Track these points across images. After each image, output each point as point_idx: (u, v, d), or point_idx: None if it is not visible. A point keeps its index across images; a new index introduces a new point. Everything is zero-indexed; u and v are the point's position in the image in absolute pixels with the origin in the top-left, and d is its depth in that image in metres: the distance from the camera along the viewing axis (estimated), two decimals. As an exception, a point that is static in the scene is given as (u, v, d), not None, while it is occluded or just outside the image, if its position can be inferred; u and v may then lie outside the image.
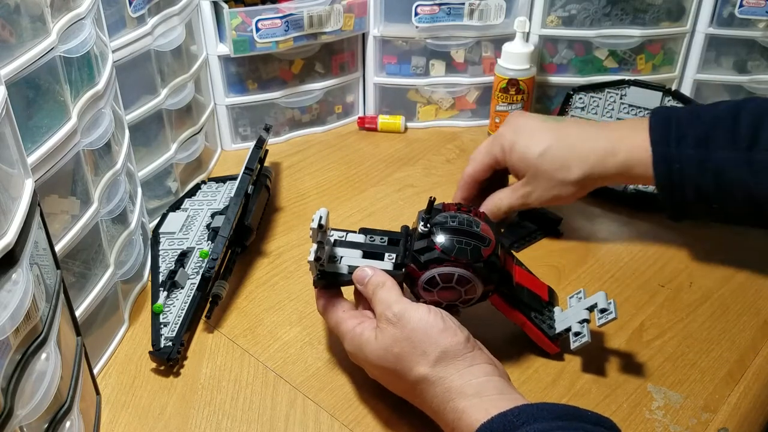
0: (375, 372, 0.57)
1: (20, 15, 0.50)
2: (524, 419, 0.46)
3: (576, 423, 0.47)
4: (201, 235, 0.78)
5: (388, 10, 0.95)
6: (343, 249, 0.61)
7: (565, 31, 0.96)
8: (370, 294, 0.57)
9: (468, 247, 0.57)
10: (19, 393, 0.42)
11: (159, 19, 0.76)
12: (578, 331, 0.61)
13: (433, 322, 0.53)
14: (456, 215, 0.60)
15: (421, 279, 0.58)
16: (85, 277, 0.60)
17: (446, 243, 0.57)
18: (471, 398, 0.50)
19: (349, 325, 0.57)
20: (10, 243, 0.40)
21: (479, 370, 0.52)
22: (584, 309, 0.62)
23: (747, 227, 0.76)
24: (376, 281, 0.57)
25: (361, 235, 0.62)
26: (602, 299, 0.61)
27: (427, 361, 0.52)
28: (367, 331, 0.56)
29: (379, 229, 0.63)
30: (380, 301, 0.56)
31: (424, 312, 0.54)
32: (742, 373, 0.63)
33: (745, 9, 0.93)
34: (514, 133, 0.73)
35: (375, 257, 0.60)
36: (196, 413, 0.59)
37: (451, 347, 0.52)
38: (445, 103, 1.02)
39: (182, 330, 0.65)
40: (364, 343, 0.55)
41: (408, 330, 0.53)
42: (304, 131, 1.01)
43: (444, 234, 0.58)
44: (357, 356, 0.57)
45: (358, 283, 0.59)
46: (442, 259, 0.57)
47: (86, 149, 0.59)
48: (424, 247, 0.58)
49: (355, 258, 0.60)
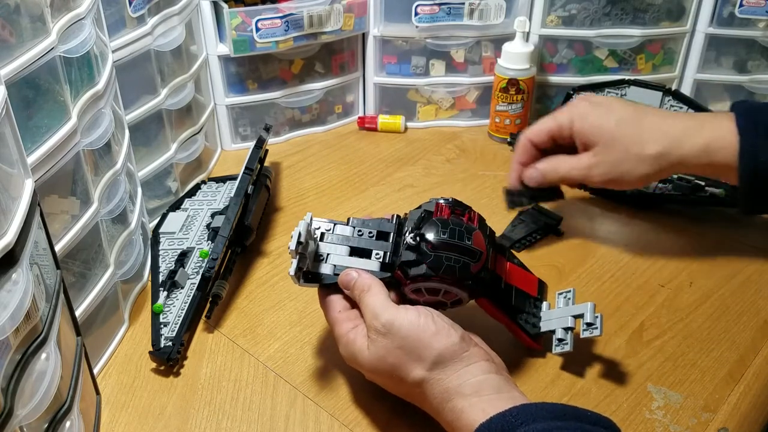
0: (371, 376, 0.57)
1: (20, 15, 0.50)
2: (523, 419, 0.46)
3: (575, 423, 0.46)
4: (201, 235, 0.78)
5: (388, 10, 0.95)
6: (330, 245, 0.59)
7: (565, 31, 0.96)
8: (356, 298, 0.56)
9: (457, 264, 0.56)
10: (19, 393, 0.42)
11: (159, 19, 0.76)
12: (561, 337, 0.61)
13: (425, 326, 0.52)
14: (448, 225, 0.57)
15: (407, 287, 0.58)
16: (85, 277, 0.60)
17: (434, 260, 0.56)
18: (469, 398, 0.50)
19: (342, 329, 0.56)
20: (10, 243, 0.40)
21: (476, 368, 0.51)
22: (571, 316, 0.61)
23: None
24: (361, 285, 0.56)
25: (349, 228, 0.61)
26: (590, 312, 0.60)
27: (424, 366, 0.52)
28: (359, 339, 0.55)
29: (369, 219, 0.61)
30: (367, 308, 0.55)
31: (413, 316, 0.53)
32: (742, 373, 0.63)
33: (745, 9, 0.93)
34: (589, 104, 0.69)
35: (362, 254, 0.59)
36: (196, 413, 0.59)
37: (446, 350, 0.52)
38: (445, 103, 1.02)
39: (182, 330, 0.65)
40: (357, 352, 0.55)
41: (399, 338, 0.52)
42: (304, 131, 1.01)
43: (433, 250, 0.56)
44: (350, 361, 0.57)
45: (344, 288, 0.57)
46: (429, 275, 0.56)
47: (86, 149, 0.59)
48: (411, 260, 0.56)
49: (341, 256, 0.59)
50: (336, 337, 0.57)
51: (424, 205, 0.60)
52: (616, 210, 0.84)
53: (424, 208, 0.60)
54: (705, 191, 0.83)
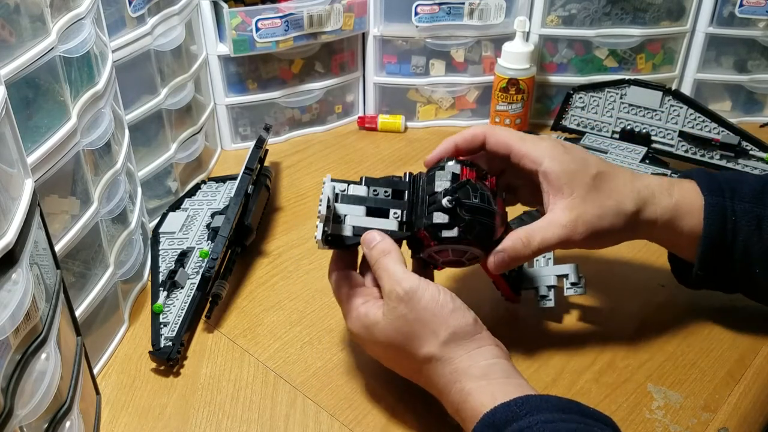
0: (378, 351, 0.57)
1: (20, 15, 0.50)
2: (527, 410, 0.46)
3: (578, 417, 0.47)
4: (201, 235, 0.78)
5: (388, 10, 0.95)
6: (346, 206, 0.59)
7: (565, 31, 0.96)
8: (373, 259, 0.56)
9: (486, 228, 0.57)
10: (19, 393, 0.42)
11: (159, 19, 0.76)
12: (545, 294, 0.66)
13: (444, 302, 0.53)
14: (478, 189, 0.58)
15: (432, 248, 0.58)
16: (85, 277, 0.60)
17: (467, 224, 0.56)
18: (478, 380, 0.50)
19: (354, 303, 0.56)
20: (10, 243, 0.40)
21: (487, 351, 0.52)
22: (554, 275, 0.65)
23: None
24: (382, 247, 0.56)
25: (364, 187, 0.61)
26: (573, 272, 0.65)
27: (437, 341, 0.52)
28: (372, 310, 0.55)
29: (382, 178, 0.62)
30: (387, 273, 0.54)
31: (434, 290, 0.53)
32: (742, 373, 0.63)
33: (745, 8, 0.93)
34: (562, 146, 0.60)
35: (379, 214, 0.59)
36: (196, 413, 0.59)
37: (460, 328, 0.52)
38: (445, 103, 1.02)
39: (182, 330, 0.65)
40: (371, 324, 0.54)
41: (419, 309, 0.52)
42: (304, 131, 1.01)
43: (466, 214, 0.56)
44: (361, 335, 0.56)
45: (365, 246, 0.57)
46: (461, 238, 0.57)
47: (86, 149, 0.59)
48: (445, 223, 0.57)
49: (358, 217, 0.59)
50: (345, 312, 0.57)
51: (444, 166, 0.59)
52: (616, 210, 0.84)
53: (450, 171, 0.59)
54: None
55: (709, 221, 0.59)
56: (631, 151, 0.91)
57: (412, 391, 0.59)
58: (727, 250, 0.60)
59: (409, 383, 0.58)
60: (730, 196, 0.60)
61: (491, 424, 0.47)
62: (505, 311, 0.69)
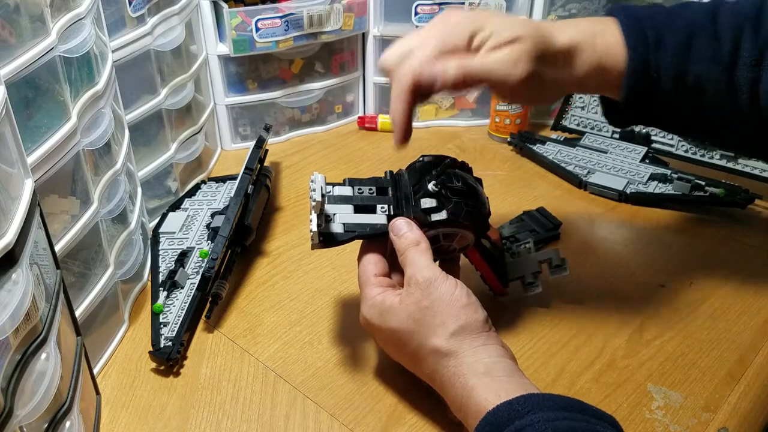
0: (387, 339, 0.57)
1: (20, 15, 0.50)
2: (529, 408, 0.47)
3: (580, 415, 0.47)
4: (201, 235, 0.78)
5: (387, 10, 0.95)
6: (334, 205, 0.61)
7: (565, 31, 0.96)
8: (402, 248, 0.57)
9: (473, 210, 0.59)
10: (19, 393, 0.42)
11: (159, 19, 0.76)
12: (532, 281, 0.68)
13: (458, 296, 0.54)
14: (459, 176, 0.60)
15: (425, 234, 0.59)
16: (85, 277, 0.60)
17: (455, 207, 0.59)
18: (482, 377, 0.50)
19: (372, 291, 0.57)
20: (10, 243, 0.40)
21: (493, 349, 0.52)
22: (538, 261, 0.68)
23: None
24: (412, 238, 0.57)
25: (348, 187, 0.63)
26: (555, 255, 0.68)
27: (445, 332, 0.53)
28: (389, 298, 0.56)
29: (365, 178, 0.63)
30: (413, 263, 0.56)
31: (452, 285, 0.55)
32: (742, 373, 0.63)
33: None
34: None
35: (367, 211, 0.61)
36: (196, 413, 0.59)
37: (469, 323, 0.53)
38: (445, 103, 1.02)
39: (182, 330, 0.65)
40: (386, 309, 0.55)
41: (433, 297, 0.54)
42: (304, 131, 1.01)
43: (453, 196, 0.59)
44: (373, 321, 0.57)
45: (393, 233, 0.59)
46: (450, 220, 0.58)
47: (86, 149, 0.59)
48: (433, 207, 0.58)
49: (347, 214, 0.60)
50: (363, 295, 0.58)
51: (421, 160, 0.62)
52: (616, 210, 0.84)
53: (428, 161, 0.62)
54: (705, 191, 0.83)
55: (630, 76, 0.57)
56: (631, 151, 0.91)
57: (413, 391, 0.59)
58: (646, 100, 0.58)
59: (409, 383, 0.58)
60: (654, 47, 0.57)
61: (493, 421, 0.47)
62: (506, 311, 0.69)
